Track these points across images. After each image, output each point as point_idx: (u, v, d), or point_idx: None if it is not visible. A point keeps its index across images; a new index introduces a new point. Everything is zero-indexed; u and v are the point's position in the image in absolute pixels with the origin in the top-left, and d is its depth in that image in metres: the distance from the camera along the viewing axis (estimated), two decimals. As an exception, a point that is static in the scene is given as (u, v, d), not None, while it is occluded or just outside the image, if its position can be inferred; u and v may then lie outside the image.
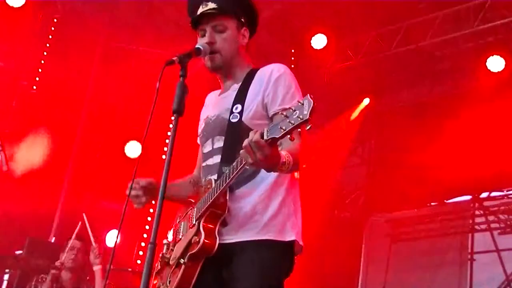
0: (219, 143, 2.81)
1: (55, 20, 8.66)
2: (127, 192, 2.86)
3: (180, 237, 2.83)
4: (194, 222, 2.71)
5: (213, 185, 2.66)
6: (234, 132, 2.71)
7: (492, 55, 8.71)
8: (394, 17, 9.20)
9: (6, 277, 4.93)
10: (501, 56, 8.67)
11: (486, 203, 9.82)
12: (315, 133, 11.18)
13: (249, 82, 2.85)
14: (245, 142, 2.33)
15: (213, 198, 2.62)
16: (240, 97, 2.79)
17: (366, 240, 11.17)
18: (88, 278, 5.75)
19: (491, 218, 9.78)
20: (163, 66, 2.53)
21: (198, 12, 2.89)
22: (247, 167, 2.46)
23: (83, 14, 9.16)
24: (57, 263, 5.39)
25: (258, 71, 2.90)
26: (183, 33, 9.78)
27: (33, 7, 8.45)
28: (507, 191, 9.54)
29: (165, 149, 8.94)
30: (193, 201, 2.86)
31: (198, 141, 3.13)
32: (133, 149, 8.81)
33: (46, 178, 8.17)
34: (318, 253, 9.94)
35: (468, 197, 9.94)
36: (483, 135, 9.30)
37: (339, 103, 11.25)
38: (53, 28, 8.62)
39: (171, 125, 2.52)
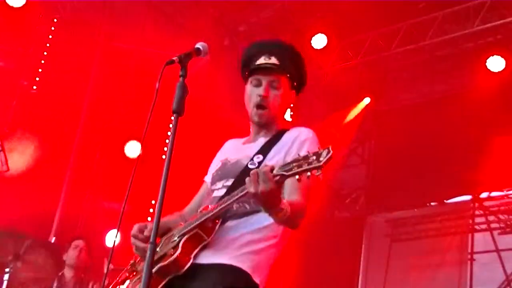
0: (229, 182, 2.81)
1: (55, 20, 8.65)
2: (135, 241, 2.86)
3: (157, 249, 2.75)
4: (176, 238, 2.65)
5: (209, 208, 2.64)
6: (246, 176, 2.59)
7: (492, 55, 8.72)
8: (394, 17, 9.20)
9: (6, 277, 4.92)
10: (501, 56, 8.68)
11: (486, 203, 9.82)
12: (315, 132, 11.18)
13: (278, 138, 2.89)
14: (253, 171, 2.34)
15: (204, 219, 2.57)
16: (264, 150, 2.83)
17: (366, 240, 11.16)
18: (87, 277, 5.75)
19: (491, 218, 9.79)
20: (163, 66, 2.53)
21: (259, 62, 2.91)
22: (248, 198, 2.45)
23: (83, 14, 9.16)
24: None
25: (288, 132, 2.95)
26: (183, 33, 9.82)
27: (33, 7, 8.44)
28: (507, 191, 9.54)
29: (165, 149, 8.94)
30: (182, 223, 2.82)
31: (207, 179, 3.12)
32: (133, 149, 8.81)
33: (46, 178, 8.17)
34: (318, 253, 9.94)
35: (468, 197, 9.93)
36: (483, 135, 9.30)
37: (339, 103, 11.26)
38: (53, 28, 8.61)
39: (171, 125, 2.52)
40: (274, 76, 2.92)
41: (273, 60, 2.92)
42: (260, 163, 2.75)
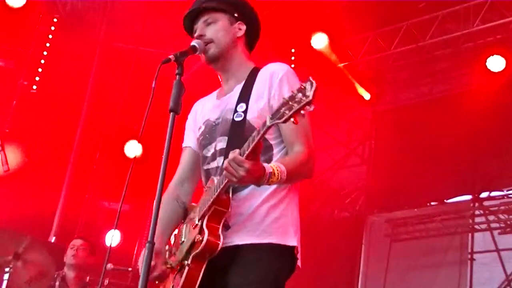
0: (222, 144, 2.73)
1: (55, 20, 8.65)
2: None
3: (183, 239, 2.76)
4: (197, 222, 2.64)
5: (215, 182, 2.59)
6: (238, 131, 2.65)
7: (492, 55, 8.71)
8: (394, 17, 9.20)
9: (6, 276, 4.92)
10: (501, 56, 8.67)
11: (486, 203, 9.81)
12: (315, 132, 11.18)
13: (253, 81, 2.80)
14: (225, 163, 2.35)
15: (216, 194, 2.54)
16: (244, 96, 2.74)
17: (366, 240, 11.16)
18: (88, 278, 5.75)
19: (491, 218, 9.78)
20: (159, 65, 2.52)
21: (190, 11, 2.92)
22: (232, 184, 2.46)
23: (83, 14, 9.17)
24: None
25: (261, 71, 2.85)
26: (183, 33, 9.81)
27: (33, 7, 8.45)
28: (507, 191, 9.53)
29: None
30: (194, 204, 2.81)
31: (192, 145, 3.02)
32: (132, 149, 8.81)
33: (46, 178, 8.17)
34: (318, 253, 9.94)
35: (468, 197, 9.92)
36: (483, 135, 9.30)
37: (339, 103, 11.26)
38: (53, 28, 8.61)
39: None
40: (206, 16, 2.89)
41: (204, 5, 2.90)
42: (245, 112, 2.68)
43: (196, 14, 2.91)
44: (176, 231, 2.88)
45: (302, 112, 2.17)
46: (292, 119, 2.19)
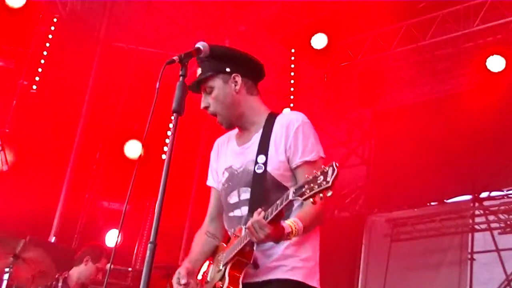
0: (246, 194, 2.87)
1: (55, 20, 8.65)
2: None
3: (208, 279, 2.93)
4: (221, 267, 2.82)
5: (243, 233, 2.74)
6: (260, 183, 2.81)
7: (492, 55, 8.72)
8: (394, 17, 9.20)
9: (6, 276, 4.91)
10: (501, 56, 8.68)
11: (486, 203, 9.82)
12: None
13: (269, 130, 2.90)
14: (249, 223, 2.55)
15: (240, 247, 2.71)
16: (263, 147, 2.86)
17: (366, 240, 11.17)
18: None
19: (491, 218, 9.79)
20: (163, 66, 2.52)
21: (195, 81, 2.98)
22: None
23: (83, 14, 9.16)
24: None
25: (277, 119, 2.94)
26: (183, 33, 9.82)
27: (33, 7, 8.44)
28: (507, 191, 9.54)
29: (165, 149, 8.94)
30: (225, 245, 2.95)
31: (212, 185, 3.23)
32: (132, 149, 8.81)
33: (46, 178, 8.17)
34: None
35: (468, 197, 9.93)
36: (483, 135, 9.30)
37: (339, 103, 11.27)
38: (53, 28, 8.60)
39: (171, 125, 2.52)
40: (204, 84, 2.97)
41: (198, 72, 2.98)
42: (265, 163, 2.81)
43: (197, 85, 2.99)
44: (205, 267, 3.02)
45: (321, 195, 2.35)
46: (311, 199, 2.38)
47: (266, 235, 2.51)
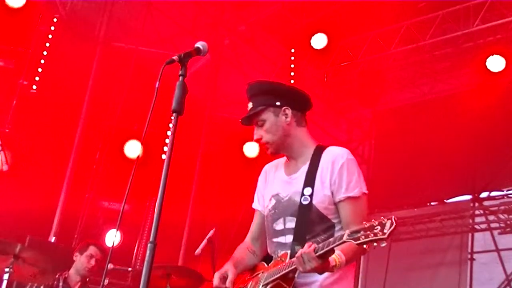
0: (291, 223, 3.00)
1: (55, 20, 8.64)
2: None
3: None
4: (260, 286, 2.93)
5: (287, 260, 2.86)
6: (305, 214, 2.94)
7: (492, 55, 8.72)
8: (394, 17, 9.21)
9: (6, 276, 4.91)
10: (501, 56, 8.68)
11: (486, 203, 9.82)
12: (315, 132, 11.21)
13: (316, 164, 3.05)
14: (299, 253, 2.67)
15: (283, 272, 2.81)
16: (310, 180, 2.99)
17: (366, 240, 11.15)
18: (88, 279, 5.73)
19: (491, 217, 9.79)
20: (163, 66, 2.52)
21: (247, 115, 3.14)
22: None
23: (83, 14, 9.16)
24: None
25: (324, 153, 3.09)
26: (183, 33, 9.82)
27: (33, 7, 8.44)
28: (507, 191, 9.54)
29: (165, 149, 8.94)
30: (266, 265, 3.05)
31: (258, 208, 3.34)
32: (132, 148, 8.80)
33: (46, 178, 8.17)
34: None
35: (468, 197, 9.94)
36: (483, 135, 9.30)
37: (339, 103, 11.27)
38: (53, 28, 8.60)
39: (171, 125, 2.53)
40: (256, 118, 3.11)
41: (250, 105, 3.12)
42: (311, 196, 2.94)
43: (249, 119, 3.15)
44: (243, 284, 3.10)
45: (374, 244, 2.46)
46: (365, 245, 2.50)
47: (313, 267, 2.63)
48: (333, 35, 9.58)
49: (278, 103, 3.08)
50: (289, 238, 2.99)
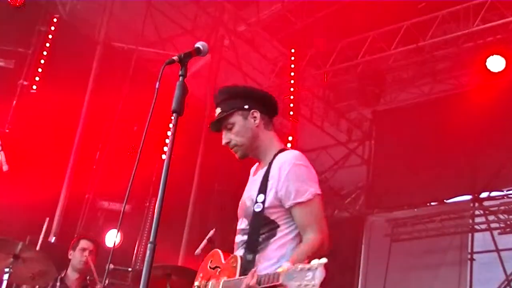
0: (245, 225, 3.04)
1: (55, 20, 8.64)
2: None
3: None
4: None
5: (238, 269, 2.85)
6: (257, 222, 2.95)
7: (492, 55, 8.72)
8: (394, 17, 9.20)
9: (5, 276, 4.91)
10: (501, 56, 8.68)
11: (486, 203, 9.83)
12: (315, 132, 11.23)
13: (270, 169, 3.03)
14: (243, 285, 2.67)
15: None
16: (263, 186, 2.99)
17: (366, 240, 11.17)
18: (88, 278, 5.72)
19: (491, 218, 9.80)
20: (163, 66, 2.53)
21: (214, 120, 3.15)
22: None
23: (83, 14, 9.17)
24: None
25: (275, 159, 3.05)
26: (183, 33, 9.83)
27: (33, 7, 8.44)
28: (507, 191, 9.55)
29: (165, 149, 8.94)
30: (221, 254, 3.06)
31: None
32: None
33: (46, 177, 8.16)
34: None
35: (468, 197, 9.94)
36: (483, 135, 9.30)
37: (339, 103, 11.28)
38: (53, 28, 8.59)
39: (171, 125, 2.53)
40: (224, 122, 3.11)
41: (218, 110, 3.13)
42: (263, 203, 2.93)
43: (218, 123, 3.14)
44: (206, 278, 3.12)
45: None
46: None
47: None
48: (333, 35, 9.59)
49: (246, 106, 3.08)
50: (242, 239, 3.03)
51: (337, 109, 11.28)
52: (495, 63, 8.72)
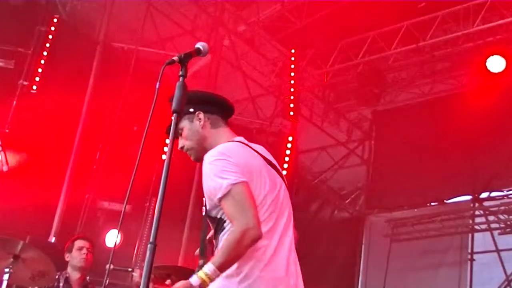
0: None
1: (55, 20, 8.64)
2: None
3: None
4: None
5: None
6: (206, 224, 2.99)
7: (492, 55, 8.72)
8: (394, 17, 9.21)
9: (6, 276, 4.91)
10: (501, 56, 8.68)
11: (486, 203, 9.83)
12: (315, 132, 11.24)
13: None
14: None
15: None
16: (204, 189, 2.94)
17: (366, 240, 11.17)
18: (88, 278, 5.73)
19: (491, 218, 9.80)
20: (163, 66, 2.52)
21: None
22: None
23: (83, 14, 9.16)
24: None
25: None
26: (183, 33, 9.83)
27: (33, 7, 8.44)
28: (507, 191, 9.55)
29: (165, 149, 8.93)
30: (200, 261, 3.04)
31: None
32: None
33: (46, 178, 8.16)
34: (318, 253, 9.95)
35: (468, 197, 9.94)
36: (483, 135, 9.31)
37: (339, 103, 11.27)
38: (53, 28, 8.59)
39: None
40: (177, 129, 2.98)
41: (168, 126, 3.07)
42: (205, 205, 2.90)
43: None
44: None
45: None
46: None
47: None
48: (333, 35, 9.59)
49: (191, 110, 3.05)
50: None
51: (337, 109, 11.27)
52: (495, 63, 8.72)
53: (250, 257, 2.71)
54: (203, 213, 2.90)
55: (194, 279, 2.64)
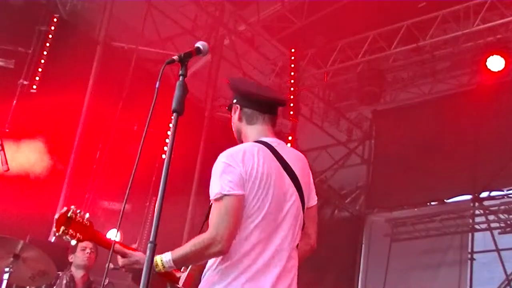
0: None
1: (55, 20, 8.64)
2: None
3: None
4: None
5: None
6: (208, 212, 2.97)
7: (492, 55, 8.72)
8: (394, 17, 9.21)
9: (6, 276, 4.91)
10: (501, 56, 8.68)
11: (486, 203, 9.83)
12: (315, 132, 11.23)
13: None
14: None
15: None
16: None
17: (366, 240, 11.17)
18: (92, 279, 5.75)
19: (491, 217, 9.79)
20: (163, 66, 2.52)
21: None
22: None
23: (83, 14, 9.16)
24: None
25: None
26: (183, 33, 9.82)
27: (33, 7, 8.43)
28: (507, 191, 9.55)
29: (165, 149, 8.93)
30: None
31: None
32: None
33: (46, 178, 8.16)
34: (318, 253, 9.94)
35: (468, 197, 9.94)
36: (483, 135, 9.31)
37: (339, 103, 11.28)
38: (53, 28, 8.59)
39: (171, 125, 2.52)
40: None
41: None
42: None
43: None
44: None
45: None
46: None
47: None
48: (333, 35, 9.59)
49: (234, 101, 3.07)
50: None
51: (337, 109, 11.28)
52: (495, 63, 8.72)
53: (235, 267, 2.68)
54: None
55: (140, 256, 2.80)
